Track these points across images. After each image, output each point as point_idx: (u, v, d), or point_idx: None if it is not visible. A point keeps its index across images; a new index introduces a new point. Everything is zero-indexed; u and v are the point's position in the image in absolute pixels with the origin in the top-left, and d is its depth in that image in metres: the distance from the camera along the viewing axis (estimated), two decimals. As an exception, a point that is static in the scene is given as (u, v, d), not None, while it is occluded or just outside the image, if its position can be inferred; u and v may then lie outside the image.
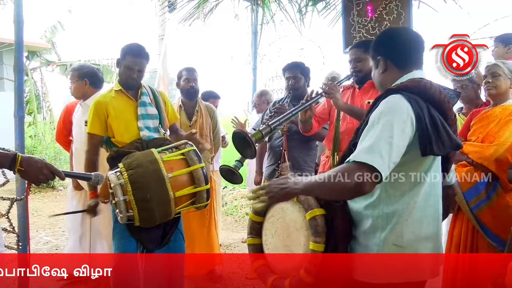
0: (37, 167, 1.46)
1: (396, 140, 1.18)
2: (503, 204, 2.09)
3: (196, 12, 5.13)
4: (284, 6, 5.07)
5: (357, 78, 2.57)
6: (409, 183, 1.29)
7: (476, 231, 2.20)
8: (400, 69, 1.41)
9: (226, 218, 5.57)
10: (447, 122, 1.32)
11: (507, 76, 2.17)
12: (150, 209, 2.08)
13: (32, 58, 10.03)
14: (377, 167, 1.14)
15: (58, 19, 10.67)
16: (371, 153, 1.15)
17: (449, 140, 1.27)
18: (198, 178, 2.17)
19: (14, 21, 2.64)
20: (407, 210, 1.29)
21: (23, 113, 2.66)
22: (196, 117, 3.37)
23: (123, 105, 2.45)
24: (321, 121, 2.73)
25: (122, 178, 2.07)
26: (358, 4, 4.36)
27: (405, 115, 1.22)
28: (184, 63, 28.14)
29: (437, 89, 1.32)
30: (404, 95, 1.27)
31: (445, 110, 1.33)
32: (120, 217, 2.10)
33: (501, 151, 2.05)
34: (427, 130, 1.23)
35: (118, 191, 2.04)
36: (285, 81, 3.14)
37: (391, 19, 4.18)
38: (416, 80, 1.34)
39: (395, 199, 1.29)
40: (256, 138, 2.10)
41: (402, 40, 1.42)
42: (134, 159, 2.15)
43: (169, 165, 2.14)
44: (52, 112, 10.41)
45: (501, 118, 2.17)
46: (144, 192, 2.06)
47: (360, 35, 4.40)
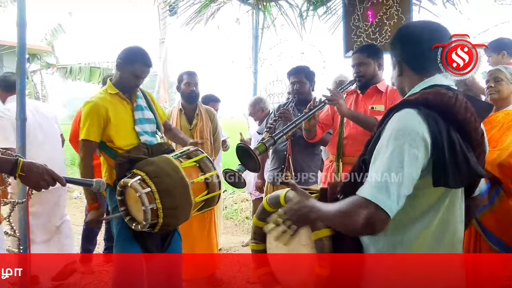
0: (38, 172, 1.44)
1: (407, 170, 1.03)
2: (506, 208, 2.09)
3: (197, 16, 5.15)
4: (285, 11, 5.09)
5: (360, 83, 2.56)
6: (420, 210, 1.13)
7: (479, 236, 2.20)
8: (417, 74, 1.22)
9: (226, 222, 5.55)
10: (472, 145, 1.13)
11: (509, 80, 2.18)
12: (176, 216, 2.09)
13: (33, 61, 10.04)
14: (383, 208, 1.01)
15: (58, 21, 10.73)
16: (381, 193, 1.02)
17: (468, 170, 1.08)
18: (213, 184, 2.23)
19: (17, 24, 2.63)
20: (418, 239, 1.13)
21: (24, 115, 2.65)
22: (196, 120, 3.37)
23: (120, 109, 2.36)
24: (325, 127, 2.72)
25: (148, 186, 2.03)
26: (359, 9, 4.37)
27: (419, 138, 1.05)
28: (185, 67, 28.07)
29: (463, 105, 1.12)
30: (421, 112, 1.08)
31: (469, 131, 1.12)
32: (142, 224, 2.05)
33: (504, 156, 2.05)
34: (443, 158, 1.06)
35: (145, 199, 1.99)
36: (290, 85, 3.13)
37: (391, 24, 4.20)
38: (440, 92, 1.13)
39: (404, 227, 1.13)
40: (260, 151, 2.13)
41: (417, 39, 1.22)
42: (157, 167, 2.10)
43: (187, 172, 2.15)
44: (52, 114, 10.40)
45: (503, 123, 2.18)
46: (174, 200, 2.05)
47: (361, 39, 4.42)
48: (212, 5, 5.14)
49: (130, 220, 2.14)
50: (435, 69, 1.20)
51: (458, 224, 1.19)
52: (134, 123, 2.35)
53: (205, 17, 5.23)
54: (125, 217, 2.15)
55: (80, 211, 6.12)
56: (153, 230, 2.10)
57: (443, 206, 1.14)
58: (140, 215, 2.06)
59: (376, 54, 2.58)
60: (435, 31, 1.22)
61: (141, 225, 2.06)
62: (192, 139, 2.62)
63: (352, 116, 2.46)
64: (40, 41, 10.31)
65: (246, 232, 5.19)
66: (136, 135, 2.34)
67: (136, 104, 2.41)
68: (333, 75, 4.12)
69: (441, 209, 1.14)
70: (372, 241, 1.19)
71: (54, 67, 10.28)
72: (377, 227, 1.02)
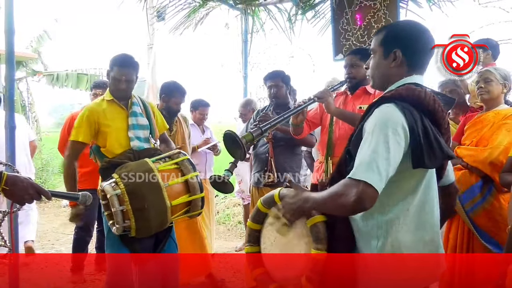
0: (22, 186, 1.38)
1: (392, 155, 1.18)
2: (498, 206, 2.12)
3: (186, 22, 5.15)
4: (274, 15, 5.12)
5: (350, 84, 2.61)
6: (402, 192, 1.28)
7: (472, 234, 2.22)
8: (409, 69, 1.35)
9: (218, 227, 5.52)
10: (440, 131, 1.31)
11: (499, 81, 2.23)
12: (147, 219, 2.09)
13: (18, 68, 9.88)
14: (373, 185, 1.14)
15: (44, 28, 10.57)
16: (370, 171, 1.15)
17: (440, 152, 1.25)
18: (193, 186, 2.21)
19: (5, 31, 2.60)
20: (401, 218, 1.27)
21: (13, 123, 2.62)
22: (175, 127, 3.40)
23: (115, 114, 2.43)
24: (312, 126, 2.76)
25: (119, 188, 2.07)
26: (347, 13, 4.42)
27: (399, 127, 1.20)
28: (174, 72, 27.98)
29: (431, 98, 1.29)
30: (398, 105, 1.24)
31: (438, 119, 1.31)
32: (116, 227, 2.08)
33: (495, 155, 2.09)
34: (420, 142, 1.22)
35: (115, 201, 2.04)
36: (267, 90, 3.17)
37: (379, 27, 4.25)
38: (411, 88, 1.30)
39: (389, 208, 1.27)
40: (246, 140, 2.14)
41: (424, 41, 1.34)
42: (129, 169, 2.15)
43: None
44: (39, 122, 10.25)
45: (494, 122, 2.22)
46: (142, 201, 2.07)
47: (350, 43, 4.46)
48: (201, 10, 5.14)
49: (112, 224, 2.15)
50: (419, 70, 1.35)
51: (434, 203, 1.34)
52: (128, 128, 2.41)
53: (194, 22, 5.24)
54: (108, 221, 2.17)
55: (70, 220, 6.03)
56: (130, 234, 2.12)
57: (421, 187, 1.29)
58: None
59: (369, 57, 2.61)
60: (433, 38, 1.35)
61: (115, 228, 2.09)
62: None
63: (340, 114, 2.50)
64: (26, 48, 10.15)
65: (239, 237, 5.17)
66: (128, 141, 2.39)
67: (132, 110, 2.46)
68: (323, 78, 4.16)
69: (419, 190, 1.29)
70: (362, 225, 1.32)
71: (40, 74, 10.13)
72: (367, 202, 1.14)
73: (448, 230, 2.35)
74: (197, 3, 4.98)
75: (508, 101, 2.36)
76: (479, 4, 4.20)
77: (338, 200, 1.17)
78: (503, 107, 2.28)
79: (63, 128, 3.56)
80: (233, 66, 5.58)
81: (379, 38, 1.38)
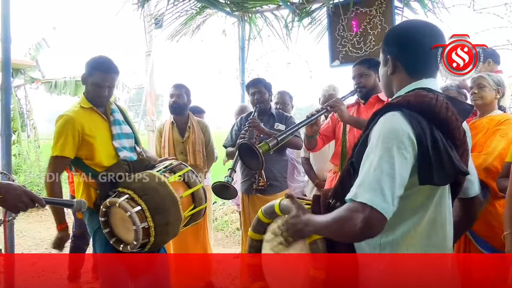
0: (15, 194, 1.37)
1: (398, 171, 1.05)
2: (494, 212, 2.12)
3: (183, 29, 5.17)
4: (271, 22, 5.15)
5: (361, 93, 2.59)
6: (408, 210, 1.14)
7: (469, 240, 2.22)
8: (409, 74, 1.23)
9: (216, 234, 5.50)
10: (454, 143, 1.15)
11: (492, 87, 2.24)
12: (167, 233, 2.03)
13: (16, 76, 9.90)
14: (380, 210, 1.02)
15: (42, 36, 10.63)
16: (373, 192, 1.03)
17: (452, 167, 1.10)
18: (199, 197, 2.20)
19: (2, 39, 2.62)
20: (407, 238, 1.14)
21: (10, 131, 2.62)
22: (188, 133, 3.37)
23: (97, 124, 2.22)
24: (326, 139, 2.73)
25: (138, 204, 1.95)
26: (343, 19, 4.45)
27: (405, 139, 1.07)
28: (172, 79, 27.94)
29: (443, 105, 1.14)
30: (404, 114, 1.11)
31: (451, 130, 1.14)
32: (133, 245, 1.96)
33: (490, 160, 2.09)
34: (428, 157, 1.08)
35: (135, 219, 1.91)
36: (250, 96, 3.23)
37: (375, 33, 4.29)
38: (421, 94, 1.16)
39: (393, 227, 1.13)
40: (263, 150, 2.11)
41: (417, 40, 1.21)
42: (143, 183, 2.03)
43: (174, 187, 2.10)
44: (37, 130, 10.27)
45: (488, 128, 2.23)
46: (166, 216, 1.99)
47: (346, 49, 4.49)
48: (198, 17, 5.17)
49: (116, 242, 2.03)
50: (425, 73, 1.22)
51: (446, 223, 1.20)
52: (112, 138, 2.23)
53: (191, 29, 5.26)
54: (110, 239, 2.05)
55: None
56: (142, 250, 2.02)
57: (431, 205, 1.15)
58: (129, 235, 1.97)
59: (376, 66, 2.63)
60: (437, 33, 1.23)
61: (130, 246, 1.96)
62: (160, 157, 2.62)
63: (354, 121, 2.47)
64: (24, 55, 10.18)
65: (237, 244, 5.15)
66: (114, 152, 2.21)
67: (114, 118, 2.28)
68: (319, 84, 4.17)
69: (430, 208, 1.15)
70: (364, 244, 1.19)
71: (39, 82, 10.15)
72: (375, 229, 1.03)
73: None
74: (194, 11, 5.01)
75: (502, 106, 2.37)
76: (474, 10, 4.24)
77: (343, 227, 1.06)
78: (497, 113, 2.29)
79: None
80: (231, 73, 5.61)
81: (381, 45, 1.31)
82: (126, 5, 4.68)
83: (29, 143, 9.60)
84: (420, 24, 1.28)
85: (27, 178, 8.45)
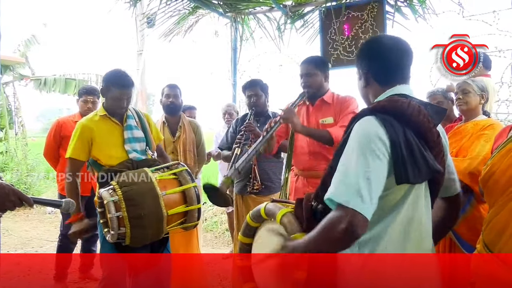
0: (3, 193, 1.35)
1: (374, 173, 1.10)
2: (478, 216, 2.15)
3: (176, 28, 5.17)
4: (263, 24, 5.18)
5: (308, 93, 2.60)
6: (386, 209, 1.19)
7: (453, 243, 2.25)
8: (381, 85, 1.32)
9: (206, 235, 5.50)
10: (428, 145, 1.21)
11: (476, 92, 2.28)
12: (143, 227, 2.08)
13: (5, 72, 9.78)
14: (359, 211, 1.06)
15: (32, 32, 10.54)
16: (352, 195, 1.07)
17: (426, 166, 1.17)
18: (190, 197, 2.22)
19: (-9, 35, 2.59)
20: (385, 236, 1.19)
21: (-2, 129, 2.59)
22: (179, 133, 3.37)
23: (109, 129, 2.42)
24: (280, 139, 2.77)
25: (116, 195, 2.07)
26: (335, 23, 4.49)
27: (378, 142, 1.13)
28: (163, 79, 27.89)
29: (415, 109, 1.21)
30: (378, 118, 1.18)
31: (424, 132, 1.21)
32: (111, 234, 2.08)
33: (475, 165, 2.12)
34: (402, 156, 1.14)
35: (111, 207, 2.04)
36: (246, 99, 3.21)
37: (367, 37, 4.34)
38: (393, 99, 1.24)
39: (372, 224, 1.16)
40: (227, 185, 2.23)
41: (383, 53, 1.32)
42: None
43: (162, 184, 2.17)
44: (25, 127, 10.15)
45: (472, 133, 2.26)
46: (139, 209, 2.06)
47: (338, 52, 4.53)
48: (191, 17, 5.18)
49: (107, 231, 2.13)
50: (398, 80, 1.31)
51: (424, 220, 1.26)
52: (123, 142, 2.40)
53: (184, 29, 5.27)
54: (103, 229, 2.16)
55: (55, 227, 5.95)
56: (124, 242, 2.10)
57: (406, 203, 1.21)
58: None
59: (323, 66, 2.65)
60: (403, 44, 1.33)
61: (110, 235, 2.07)
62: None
63: (307, 132, 2.51)
64: (13, 52, 10.06)
65: (227, 245, 5.15)
66: (125, 154, 2.39)
67: (126, 124, 2.46)
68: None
69: (405, 205, 1.21)
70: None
71: (28, 79, 10.04)
72: (358, 229, 1.07)
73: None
74: (187, 11, 5.02)
75: (486, 111, 2.42)
76: (463, 17, 4.31)
77: (329, 233, 1.09)
78: (481, 118, 2.33)
79: (49, 134, 3.54)
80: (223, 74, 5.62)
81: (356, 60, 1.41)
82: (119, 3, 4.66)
83: (17, 140, 9.48)
84: (387, 39, 1.40)
85: (14, 176, 8.34)
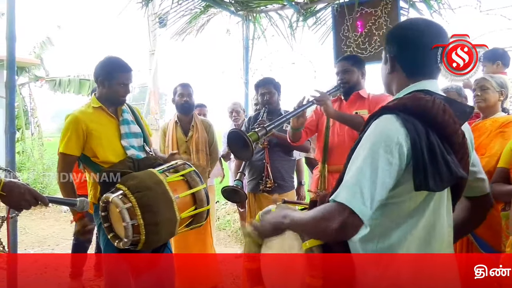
0: (19, 192, 1.38)
1: (381, 177, 1.03)
2: (496, 215, 2.10)
3: (187, 28, 5.18)
4: (275, 22, 5.14)
5: (344, 89, 2.63)
6: (404, 215, 1.11)
7: (471, 243, 2.21)
8: (407, 76, 1.21)
9: (219, 233, 5.51)
10: (452, 147, 1.10)
11: (495, 89, 2.22)
12: (158, 233, 1.99)
13: (21, 74, 9.97)
14: (357, 212, 1.00)
15: (47, 34, 10.70)
16: (352, 193, 1.01)
17: (448, 172, 1.06)
18: (200, 199, 2.14)
19: (7, 38, 2.63)
20: (404, 244, 1.11)
21: (14, 129, 2.64)
22: (192, 132, 3.38)
23: (104, 123, 2.28)
24: (309, 132, 2.77)
25: (129, 201, 1.95)
26: (348, 20, 4.44)
27: (394, 144, 1.04)
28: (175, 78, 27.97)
29: (440, 108, 1.09)
30: (399, 117, 1.07)
31: (449, 134, 1.10)
32: (124, 242, 1.97)
33: (493, 163, 2.08)
34: (423, 162, 1.04)
35: (125, 215, 1.91)
36: (259, 97, 3.20)
37: (380, 34, 4.27)
38: (417, 96, 1.12)
39: (389, 231, 1.11)
40: (252, 139, 2.11)
41: (416, 40, 1.18)
42: (139, 181, 2.03)
43: (173, 187, 2.06)
44: (41, 127, 10.33)
45: (491, 130, 2.21)
46: (155, 215, 1.96)
47: (351, 49, 4.48)
48: (202, 16, 5.18)
49: (113, 237, 2.05)
50: (424, 74, 1.20)
51: (445, 228, 1.17)
52: (120, 138, 2.28)
53: (195, 28, 5.27)
54: (108, 234, 2.06)
55: (70, 225, 6.04)
56: (135, 248, 2.01)
57: (427, 210, 1.12)
58: (122, 232, 1.97)
59: (360, 64, 2.69)
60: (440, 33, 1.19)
61: (122, 242, 1.97)
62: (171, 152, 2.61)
63: (339, 116, 2.50)
64: (29, 54, 10.25)
65: (239, 243, 5.15)
66: (123, 150, 2.27)
67: (122, 118, 2.33)
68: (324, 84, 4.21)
69: (426, 213, 1.12)
70: (361, 248, 1.16)
71: (43, 80, 10.21)
72: (350, 232, 1.02)
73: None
74: (199, 10, 5.02)
75: (506, 108, 2.36)
76: (480, 11, 4.21)
77: (320, 226, 1.04)
78: (501, 115, 2.28)
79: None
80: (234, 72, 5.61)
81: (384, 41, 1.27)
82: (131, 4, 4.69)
83: (33, 140, 9.66)
84: (421, 23, 1.23)
85: (30, 175, 8.50)
